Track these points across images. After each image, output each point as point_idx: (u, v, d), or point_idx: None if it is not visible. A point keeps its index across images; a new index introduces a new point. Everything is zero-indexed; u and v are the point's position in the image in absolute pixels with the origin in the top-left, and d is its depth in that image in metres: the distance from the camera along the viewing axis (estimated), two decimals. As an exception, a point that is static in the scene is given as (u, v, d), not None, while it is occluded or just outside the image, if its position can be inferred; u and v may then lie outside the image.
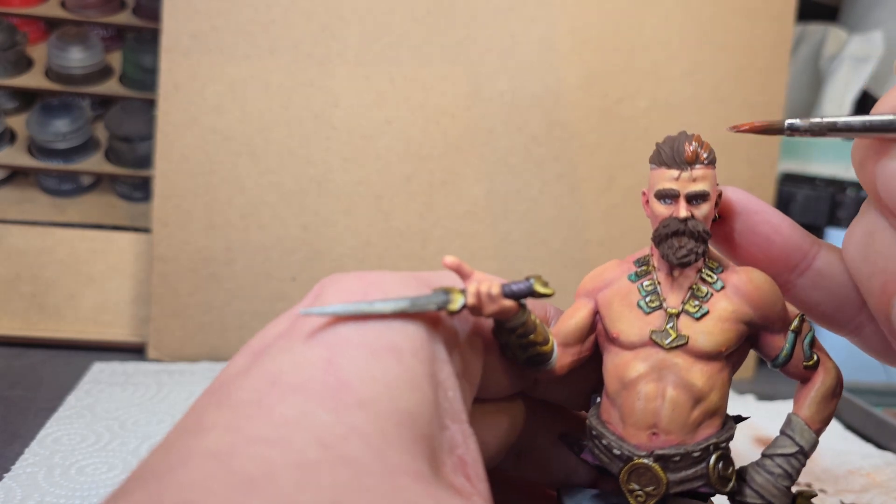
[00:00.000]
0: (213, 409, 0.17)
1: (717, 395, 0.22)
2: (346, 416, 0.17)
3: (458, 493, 0.18)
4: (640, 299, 0.23)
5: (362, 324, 0.19)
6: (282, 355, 0.18)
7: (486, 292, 0.21)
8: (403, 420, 0.18)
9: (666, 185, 0.22)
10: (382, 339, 0.19)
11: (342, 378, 0.18)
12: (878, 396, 0.63)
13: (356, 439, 0.17)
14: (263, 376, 0.18)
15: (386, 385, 0.18)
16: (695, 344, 0.22)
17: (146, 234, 0.65)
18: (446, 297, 0.20)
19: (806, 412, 0.23)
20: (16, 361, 0.59)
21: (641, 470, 0.22)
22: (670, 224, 0.22)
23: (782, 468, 0.23)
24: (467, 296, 0.21)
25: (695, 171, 0.22)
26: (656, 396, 0.22)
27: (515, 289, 0.21)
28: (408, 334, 0.19)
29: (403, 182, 0.65)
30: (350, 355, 0.18)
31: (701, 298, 0.22)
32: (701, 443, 0.22)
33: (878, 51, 0.84)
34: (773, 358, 0.24)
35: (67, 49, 0.69)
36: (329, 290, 0.21)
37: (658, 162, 0.23)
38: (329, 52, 0.63)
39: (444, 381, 0.20)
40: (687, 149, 0.22)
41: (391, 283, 0.21)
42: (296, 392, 0.17)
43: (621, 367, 0.23)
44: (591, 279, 0.25)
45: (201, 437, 0.16)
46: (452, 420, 0.20)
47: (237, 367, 0.19)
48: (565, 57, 0.66)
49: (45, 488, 0.41)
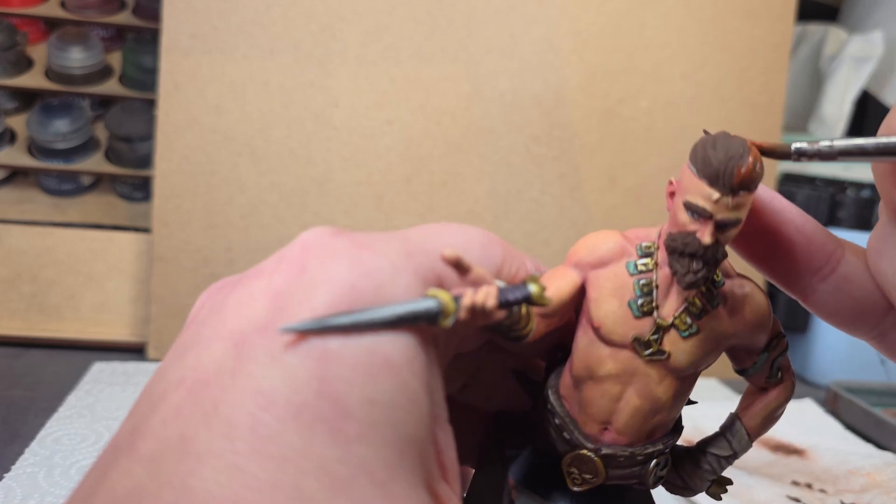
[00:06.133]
0: (200, 426, 0.16)
1: (677, 406, 0.22)
2: (350, 452, 0.16)
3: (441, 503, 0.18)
4: (633, 299, 0.21)
5: (352, 333, 0.18)
6: (269, 365, 0.17)
7: (480, 307, 0.19)
8: (404, 447, 0.17)
9: (700, 203, 0.20)
10: (377, 352, 0.18)
11: (340, 403, 0.16)
12: (878, 396, 0.63)
13: (364, 480, 0.16)
14: (253, 391, 0.16)
15: (384, 408, 0.17)
16: (674, 361, 0.21)
17: (146, 234, 0.65)
18: (437, 307, 0.19)
19: (751, 422, 0.23)
20: (16, 361, 0.59)
21: (584, 459, 0.22)
22: (691, 243, 0.20)
23: (711, 466, 0.24)
24: (460, 310, 0.19)
25: (738, 198, 0.19)
26: (619, 398, 0.22)
27: (511, 298, 0.20)
28: (402, 344, 0.18)
29: (404, 182, 0.65)
30: (344, 376, 0.17)
31: (694, 316, 0.21)
32: (647, 447, 0.22)
33: (878, 51, 0.85)
34: (742, 369, 0.23)
35: (67, 49, 0.69)
36: (313, 271, 0.19)
37: (701, 172, 0.20)
38: (329, 52, 0.63)
39: (434, 386, 0.19)
40: (739, 172, 0.19)
41: (384, 275, 0.19)
42: (293, 420, 0.16)
43: (594, 358, 0.22)
44: (587, 250, 0.22)
45: (199, 470, 0.15)
46: (439, 425, 0.19)
47: (215, 359, 0.17)
48: (566, 57, 0.66)
49: (45, 488, 0.41)
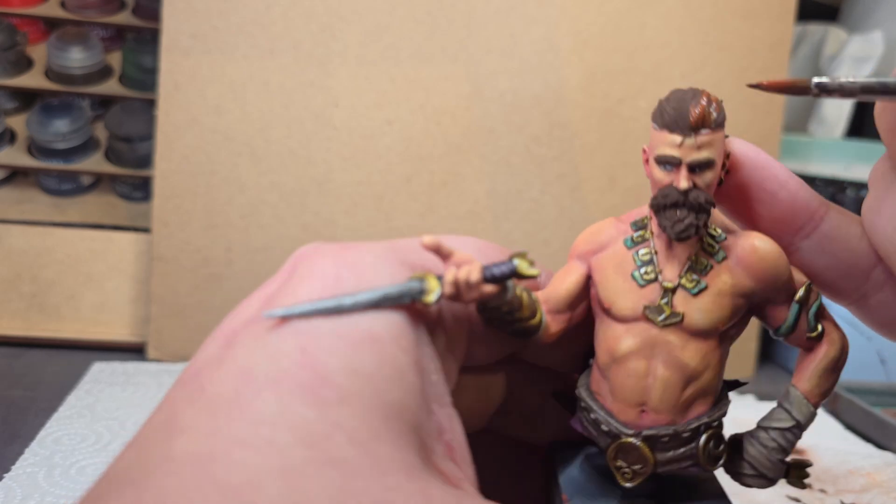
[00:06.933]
0: (186, 406, 0.16)
1: (711, 373, 0.21)
2: (328, 413, 0.16)
3: (449, 481, 0.17)
4: (635, 269, 0.21)
5: (336, 315, 0.18)
6: (253, 345, 0.17)
7: (464, 280, 0.19)
8: (389, 413, 0.17)
9: (667, 152, 0.20)
10: (359, 328, 0.18)
11: (320, 371, 0.17)
12: (878, 396, 0.63)
13: (341, 438, 0.16)
14: (236, 369, 0.17)
15: (367, 377, 0.17)
16: (690, 321, 0.21)
17: (146, 234, 0.65)
18: (421, 286, 0.19)
19: (805, 385, 0.22)
20: (16, 361, 0.59)
21: (628, 448, 0.21)
22: (670, 194, 0.20)
23: (777, 442, 0.22)
24: (444, 285, 0.19)
25: (700, 137, 0.20)
26: (647, 374, 0.21)
27: (497, 272, 0.20)
28: (387, 321, 0.18)
29: (404, 182, 0.65)
30: (326, 347, 0.17)
31: (700, 272, 0.21)
32: (692, 422, 0.21)
33: (878, 51, 0.85)
34: (776, 328, 0.22)
35: (67, 49, 0.69)
36: (301, 271, 0.19)
37: (660, 123, 0.21)
38: (329, 52, 0.63)
39: (427, 365, 0.19)
40: (692, 112, 0.20)
41: (367, 266, 0.19)
42: (272, 387, 0.16)
43: (612, 340, 0.21)
44: (586, 240, 0.23)
45: (178, 438, 0.16)
46: (438, 404, 0.19)
47: (208, 355, 0.18)
48: (566, 57, 0.66)
49: (45, 488, 0.41)
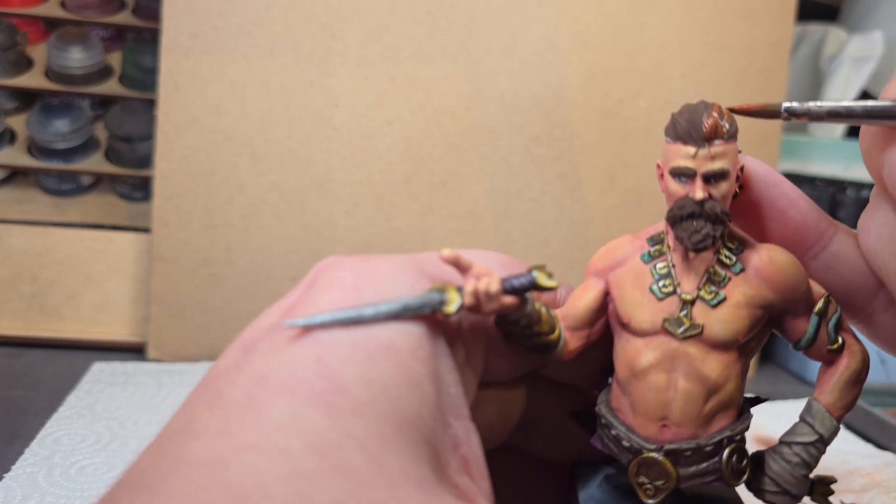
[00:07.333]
0: (203, 411, 0.17)
1: (733, 385, 0.21)
2: (340, 422, 0.16)
3: (463, 495, 0.17)
4: (653, 283, 0.21)
5: (355, 326, 0.18)
6: (270, 353, 0.18)
7: (484, 291, 0.20)
8: (403, 424, 0.17)
9: (681, 164, 0.21)
10: (377, 338, 0.18)
11: (335, 380, 0.17)
12: (878, 396, 0.62)
13: (353, 447, 0.16)
14: (253, 375, 0.17)
15: (382, 387, 0.17)
16: (710, 333, 0.21)
17: (146, 234, 0.65)
18: (441, 297, 0.19)
19: (828, 398, 0.22)
20: (16, 361, 0.59)
21: (650, 463, 0.21)
22: (686, 205, 0.21)
23: (800, 457, 0.22)
24: (464, 295, 0.19)
25: (713, 147, 0.20)
26: (668, 388, 0.21)
27: (517, 284, 0.20)
28: (405, 332, 0.18)
29: (404, 182, 0.65)
30: (342, 356, 0.17)
31: (718, 283, 0.21)
32: (714, 436, 0.21)
33: (878, 51, 0.84)
34: (796, 341, 0.22)
35: (67, 49, 0.69)
36: (321, 281, 0.20)
37: (673, 136, 0.21)
38: (329, 52, 0.63)
39: (445, 377, 0.19)
40: (705, 123, 0.20)
41: (387, 277, 0.20)
42: (286, 394, 0.16)
43: (632, 354, 0.21)
44: (602, 257, 0.23)
45: (192, 443, 0.16)
46: (455, 417, 0.19)
47: (228, 362, 0.18)
48: (566, 57, 0.66)
49: (45, 488, 0.41)
